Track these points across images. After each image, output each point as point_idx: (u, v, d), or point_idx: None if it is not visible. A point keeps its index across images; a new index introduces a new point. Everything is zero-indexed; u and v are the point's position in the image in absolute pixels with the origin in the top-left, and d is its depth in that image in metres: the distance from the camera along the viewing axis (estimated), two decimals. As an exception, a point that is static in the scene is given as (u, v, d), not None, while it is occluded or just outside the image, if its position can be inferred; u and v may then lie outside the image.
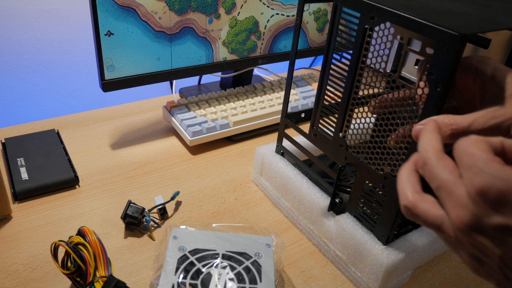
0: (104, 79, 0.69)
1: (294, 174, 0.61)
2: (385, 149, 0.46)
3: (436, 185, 0.28)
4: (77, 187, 0.65)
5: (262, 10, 0.83)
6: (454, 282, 0.56)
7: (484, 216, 0.25)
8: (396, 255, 0.49)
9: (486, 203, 0.24)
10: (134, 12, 0.67)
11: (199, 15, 0.75)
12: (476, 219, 0.25)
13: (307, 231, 0.60)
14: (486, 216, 0.25)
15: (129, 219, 0.56)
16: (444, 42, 0.36)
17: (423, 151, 0.30)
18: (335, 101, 0.53)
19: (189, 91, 0.94)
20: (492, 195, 0.24)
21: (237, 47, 0.83)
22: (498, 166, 0.24)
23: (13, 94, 0.94)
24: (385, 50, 0.44)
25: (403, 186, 0.30)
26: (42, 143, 0.71)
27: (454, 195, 0.26)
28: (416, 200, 0.29)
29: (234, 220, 0.62)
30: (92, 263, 0.44)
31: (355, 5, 0.45)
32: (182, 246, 0.50)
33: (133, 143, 0.77)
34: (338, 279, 0.54)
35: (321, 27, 0.94)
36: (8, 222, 0.58)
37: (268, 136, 0.84)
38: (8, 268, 0.51)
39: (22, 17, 0.86)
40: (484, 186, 0.24)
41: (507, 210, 0.24)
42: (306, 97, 0.90)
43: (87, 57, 0.99)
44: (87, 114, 0.85)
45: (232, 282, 0.46)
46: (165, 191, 0.66)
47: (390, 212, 0.48)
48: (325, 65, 0.52)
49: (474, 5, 0.45)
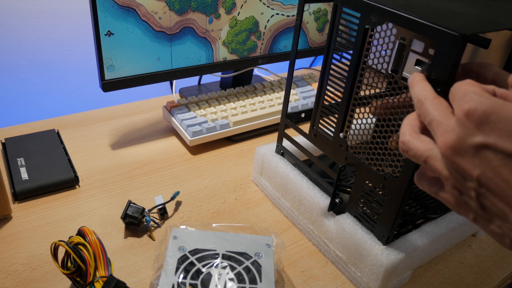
0: (104, 79, 0.69)
1: (294, 174, 0.61)
2: (386, 149, 0.46)
3: (429, 120, 0.30)
4: (77, 187, 0.65)
5: (262, 10, 0.83)
6: (454, 282, 0.56)
7: (468, 136, 0.27)
8: (396, 255, 0.49)
9: (471, 124, 0.27)
10: (134, 12, 0.67)
11: (199, 15, 0.75)
12: (460, 140, 0.27)
13: (307, 231, 0.60)
14: (469, 136, 0.27)
15: (129, 219, 0.56)
16: (444, 43, 0.36)
17: (419, 95, 0.33)
18: (335, 101, 0.53)
19: (189, 91, 0.94)
20: (477, 115, 0.26)
21: (237, 47, 0.83)
22: (487, 94, 0.27)
23: (13, 94, 0.94)
24: (385, 50, 0.44)
25: (403, 127, 0.33)
26: (42, 143, 0.71)
27: (444, 125, 0.29)
28: (412, 137, 0.32)
29: (234, 220, 0.62)
30: (92, 263, 0.44)
31: (355, 5, 0.45)
32: (182, 246, 0.50)
33: (133, 143, 0.77)
34: (338, 279, 0.54)
35: (321, 27, 0.94)
36: (8, 222, 0.58)
37: (268, 136, 0.84)
38: (8, 268, 0.51)
39: (22, 17, 0.86)
40: (471, 107, 0.27)
41: (489, 129, 0.26)
42: (306, 97, 0.90)
43: (87, 57, 0.99)
44: (87, 114, 0.85)
45: (232, 282, 0.46)
46: (165, 191, 0.66)
47: (390, 212, 0.48)
48: (325, 65, 0.52)
49: (474, 5, 0.45)
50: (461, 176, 0.29)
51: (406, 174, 0.44)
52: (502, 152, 0.26)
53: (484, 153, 0.26)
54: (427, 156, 0.31)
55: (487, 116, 0.26)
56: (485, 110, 0.26)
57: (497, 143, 0.26)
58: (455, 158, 0.28)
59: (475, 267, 0.59)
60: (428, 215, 0.59)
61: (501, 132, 0.26)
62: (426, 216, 0.58)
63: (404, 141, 0.33)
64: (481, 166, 0.27)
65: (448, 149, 0.28)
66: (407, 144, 0.32)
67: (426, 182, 0.34)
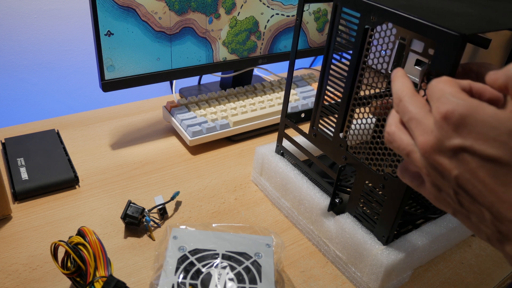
0: (104, 79, 0.69)
1: (294, 174, 0.61)
2: (386, 149, 0.46)
3: (408, 118, 0.31)
4: (77, 187, 0.65)
5: (262, 10, 0.83)
6: (454, 282, 0.56)
7: (446, 138, 0.27)
8: (396, 255, 0.49)
9: (449, 126, 0.27)
10: (134, 12, 0.68)
11: (199, 15, 0.75)
12: (439, 142, 0.28)
13: (307, 231, 0.60)
14: (447, 138, 0.27)
15: (129, 219, 0.56)
16: (444, 43, 0.36)
17: (398, 91, 0.33)
18: (335, 101, 0.53)
19: (189, 91, 0.94)
20: (454, 118, 0.27)
21: (237, 47, 0.83)
22: (463, 95, 0.27)
23: (13, 94, 0.94)
24: (385, 50, 0.44)
25: (390, 118, 0.34)
26: (42, 143, 0.71)
27: (422, 125, 0.29)
28: (397, 129, 0.32)
29: (234, 220, 0.62)
30: (92, 263, 0.44)
31: (355, 5, 0.45)
32: (182, 246, 0.50)
33: (133, 143, 0.77)
34: (338, 279, 0.54)
35: (321, 27, 0.94)
36: (8, 222, 0.58)
37: (268, 136, 0.84)
38: (8, 268, 0.51)
39: (22, 17, 0.86)
40: (449, 110, 0.27)
41: (466, 132, 0.26)
42: (306, 97, 0.90)
43: (87, 57, 0.99)
44: (87, 114, 0.85)
45: (232, 282, 0.46)
46: (165, 191, 0.66)
47: (390, 212, 0.48)
48: (325, 65, 0.52)
49: (474, 5, 0.45)
50: (440, 175, 0.29)
51: (406, 174, 0.44)
52: (479, 154, 0.26)
53: (461, 155, 0.27)
54: (410, 150, 0.31)
55: (463, 119, 0.26)
56: (462, 113, 0.26)
57: (473, 146, 0.26)
58: (434, 158, 0.28)
59: (475, 267, 0.59)
60: (428, 215, 0.59)
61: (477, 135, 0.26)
62: (426, 216, 0.58)
63: (389, 132, 0.33)
64: (459, 167, 0.27)
65: (427, 150, 0.29)
66: (392, 135, 0.33)
67: (408, 175, 0.35)
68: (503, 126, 0.25)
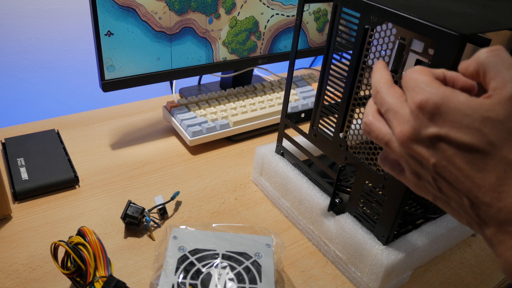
0: (104, 79, 0.69)
1: (294, 174, 0.61)
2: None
3: (385, 109, 0.31)
4: (77, 187, 0.65)
5: (262, 10, 0.83)
6: (454, 282, 0.56)
7: (422, 128, 0.28)
8: (396, 255, 0.49)
9: (424, 116, 0.28)
10: (134, 12, 0.68)
11: (199, 15, 0.75)
12: (415, 131, 0.28)
13: (307, 231, 0.60)
14: (423, 128, 0.28)
15: (129, 219, 0.56)
16: (444, 43, 0.36)
17: (375, 82, 0.34)
18: (335, 101, 0.53)
19: (189, 91, 0.94)
20: (429, 107, 0.27)
21: (237, 47, 0.83)
22: (436, 84, 0.28)
23: (13, 94, 0.94)
24: (385, 50, 0.44)
25: (368, 107, 0.34)
26: (42, 143, 0.71)
27: (399, 115, 0.30)
28: (374, 119, 0.33)
29: (234, 220, 0.62)
30: (92, 263, 0.44)
31: (355, 5, 0.45)
32: (182, 246, 0.50)
33: (133, 143, 0.77)
34: (338, 279, 0.54)
35: (321, 27, 0.94)
36: (8, 222, 0.58)
37: (268, 136, 0.84)
38: (8, 268, 0.51)
39: (22, 17, 0.86)
40: (423, 100, 0.27)
41: (441, 121, 0.27)
42: (306, 97, 0.90)
43: (87, 57, 0.99)
44: (87, 114, 0.85)
45: (232, 282, 0.46)
46: (165, 191, 0.66)
47: (390, 212, 0.48)
48: (325, 65, 0.52)
49: (474, 5, 0.45)
50: (418, 163, 0.30)
51: (406, 174, 0.44)
52: (454, 142, 0.27)
53: (438, 144, 0.27)
54: (388, 140, 0.31)
55: (438, 107, 0.27)
56: (436, 102, 0.27)
57: (449, 134, 0.27)
58: (411, 148, 0.29)
59: (475, 267, 0.59)
60: (428, 215, 0.59)
61: (452, 123, 0.27)
62: (426, 216, 0.58)
63: (366, 122, 0.33)
64: (436, 155, 0.28)
65: (404, 140, 0.29)
66: (370, 125, 0.33)
67: (388, 164, 0.35)
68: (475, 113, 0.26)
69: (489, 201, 0.26)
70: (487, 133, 0.26)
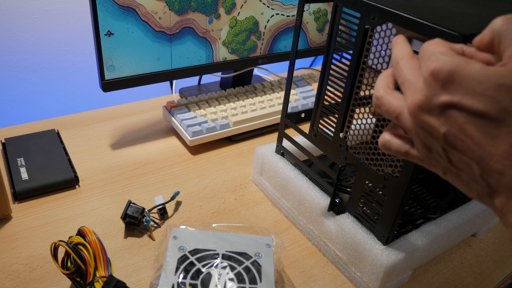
0: (104, 79, 0.69)
1: (294, 174, 0.61)
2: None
3: (402, 80, 0.31)
4: (77, 187, 0.65)
5: (262, 10, 0.83)
6: (454, 282, 0.56)
7: (434, 96, 0.27)
8: (396, 255, 0.49)
9: (437, 83, 0.27)
10: (134, 12, 0.68)
11: (199, 15, 0.75)
12: (427, 99, 0.28)
13: (307, 231, 0.60)
14: (435, 95, 0.27)
15: (129, 219, 0.56)
16: (444, 42, 0.36)
17: (397, 55, 0.33)
18: (335, 101, 0.53)
19: (189, 91, 0.94)
20: (442, 75, 0.27)
21: (237, 47, 0.83)
22: (452, 53, 0.28)
23: (13, 94, 0.94)
24: (385, 50, 0.44)
25: (378, 83, 0.34)
26: (42, 143, 0.71)
27: (413, 85, 0.29)
28: (385, 92, 0.33)
29: (234, 220, 0.62)
30: (92, 263, 0.44)
31: (355, 5, 0.45)
32: (182, 246, 0.50)
33: (133, 143, 0.77)
34: (338, 279, 0.54)
35: (321, 27, 0.94)
36: (8, 222, 0.58)
37: (268, 136, 0.84)
38: (8, 268, 0.51)
39: (22, 17, 0.86)
40: (436, 67, 0.27)
41: (454, 88, 0.26)
42: (306, 97, 0.90)
43: (87, 57, 0.99)
44: (87, 114, 0.85)
45: (232, 282, 0.46)
46: (165, 191, 0.66)
47: (390, 212, 0.48)
48: (325, 65, 0.52)
49: (474, 5, 0.45)
50: (429, 134, 0.29)
51: (406, 174, 0.44)
52: (467, 110, 0.26)
53: (449, 112, 0.27)
54: (399, 113, 0.31)
55: (451, 75, 0.27)
56: (450, 69, 0.27)
57: (461, 102, 0.26)
58: (422, 117, 0.29)
59: (475, 267, 0.59)
60: (428, 215, 0.59)
61: (465, 90, 0.26)
62: (426, 216, 0.59)
63: (377, 96, 0.33)
64: (447, 124, 0.27)
65: (415, 109, 0.29)
66: (380, 99, 0.33)
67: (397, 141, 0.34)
68: (490, 80, 0.25)
69: (502, 169, 0.26)
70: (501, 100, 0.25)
